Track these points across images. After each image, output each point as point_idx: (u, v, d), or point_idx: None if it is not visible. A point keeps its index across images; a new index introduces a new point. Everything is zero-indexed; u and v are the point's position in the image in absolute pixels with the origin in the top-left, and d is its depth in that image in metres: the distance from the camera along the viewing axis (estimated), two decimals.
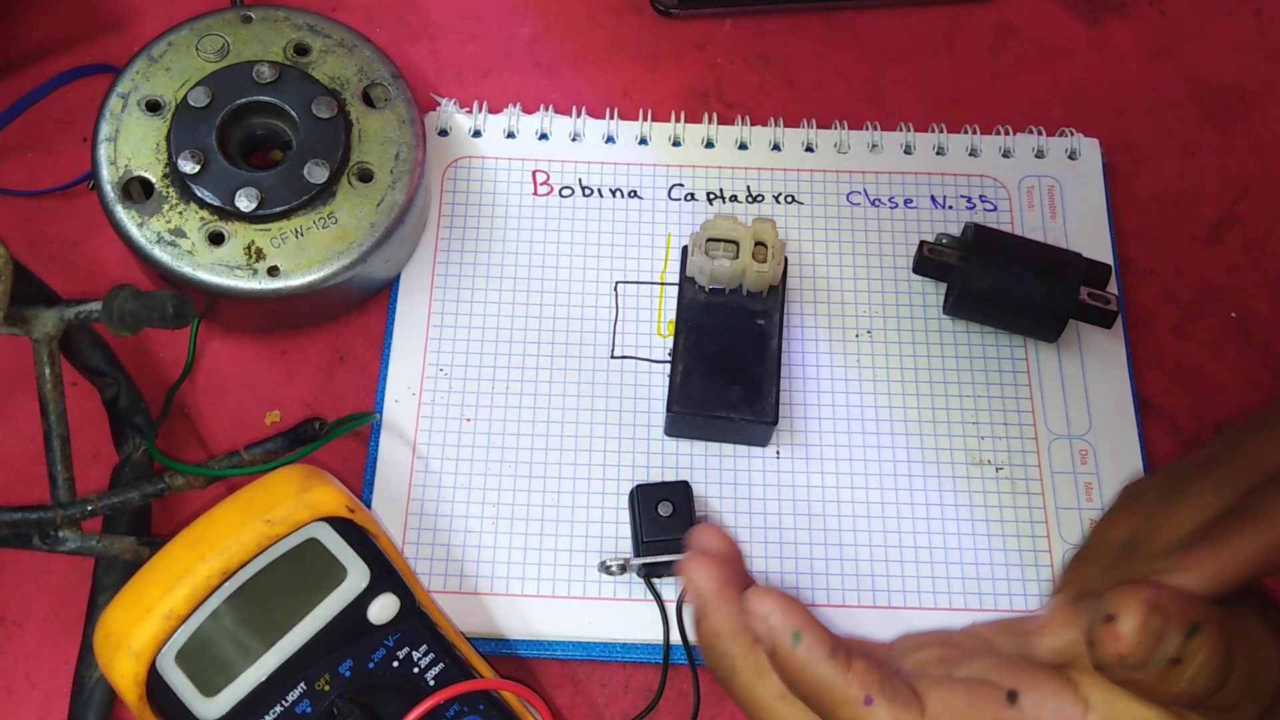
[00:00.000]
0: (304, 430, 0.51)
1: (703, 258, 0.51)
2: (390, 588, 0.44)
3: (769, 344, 0.51)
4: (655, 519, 0.49)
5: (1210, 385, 0.55)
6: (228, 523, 0.43)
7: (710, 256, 0.51)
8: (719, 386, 0.51)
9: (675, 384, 0.51)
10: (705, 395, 0.50)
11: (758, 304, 0.52)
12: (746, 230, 0.51)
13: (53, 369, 0.46)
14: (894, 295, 0.56)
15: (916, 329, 0.55)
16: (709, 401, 0.50)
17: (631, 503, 0.50)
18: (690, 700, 0.48)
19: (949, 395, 0.53)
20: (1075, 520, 0.51)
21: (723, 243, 0.51)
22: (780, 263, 0.51)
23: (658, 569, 0.49)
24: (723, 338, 0.51)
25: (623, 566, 0.49)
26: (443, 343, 0.54)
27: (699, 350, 0.51)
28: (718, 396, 0.50)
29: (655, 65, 0.62)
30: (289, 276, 0.51)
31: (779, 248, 0.51)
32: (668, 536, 0.49)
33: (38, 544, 0.46)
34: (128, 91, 0.53)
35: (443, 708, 0.43)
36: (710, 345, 0.51)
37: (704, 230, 0.51)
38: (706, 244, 0.51)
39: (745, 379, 0.51)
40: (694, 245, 0.51)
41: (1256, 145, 0.60)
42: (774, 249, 0.51)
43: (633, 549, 0.50)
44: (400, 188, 0.52)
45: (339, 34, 0.55)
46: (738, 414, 0.50)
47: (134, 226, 0.51)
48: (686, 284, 0.52)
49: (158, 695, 0.42)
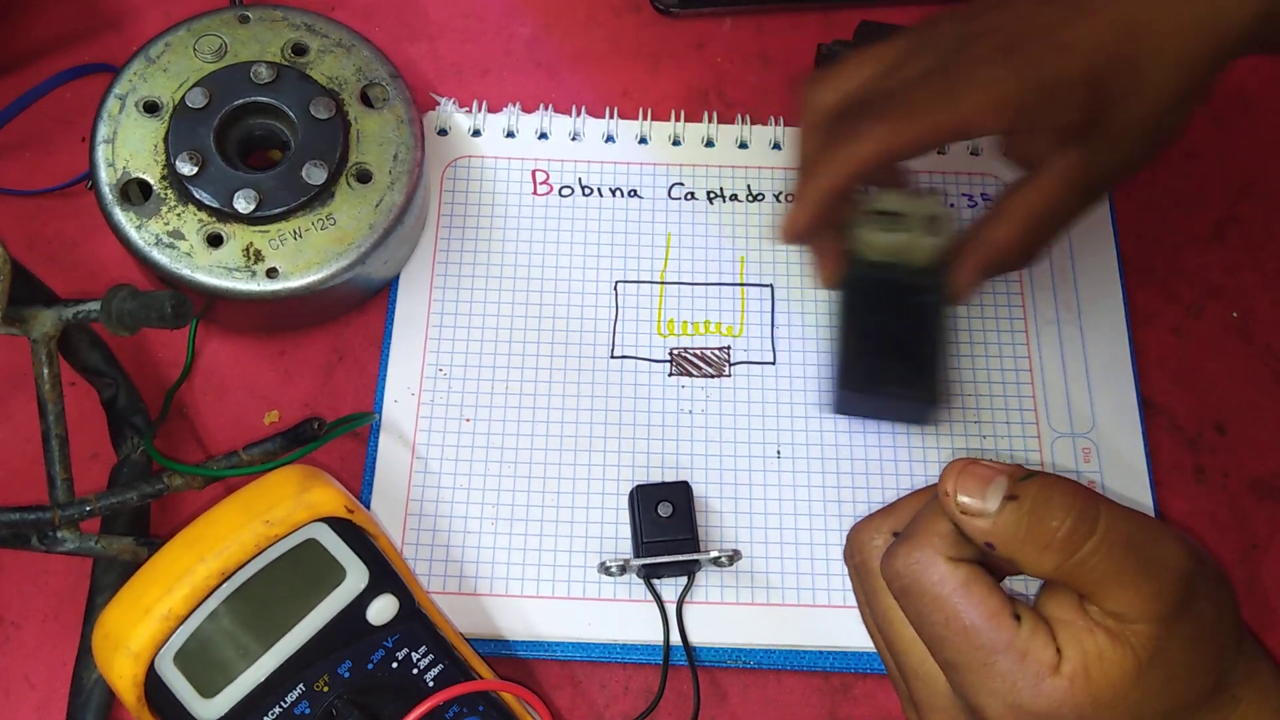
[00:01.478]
0: (303, 430, 0.51)
1: (872, 231, 0.49)
2: (389, 588, 0.44)
3: (935, 320, 0.50)
4: (655, 519, 0.49)
5: (1211, 385, 0.55)
6: (226, 523, 0.43)
7: (875, 227, 0.49)
8: (881, 364, 0.50)
9: (838, 362, 0.50)
10: (868, 372, 0.50)
11: (924, 279, 0.50)
12: (918, 202, 0.50)
13: (51, 369, 0.46)
14: None
15: None
16: (871, 379, 0.50)
17: (631, 503, 0.50)
18: (690, 701, 0.48)
19: (951, 394, 0.53)
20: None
21: (888, 215, 0.50)
22: (948, 239, 0.49)
23: (657, 570, 0.49)
24: (887, 313, 0.50)
25: (622, 567, 0.49)
26: (442, 343, 0.54)
27: (865, 327, 0.50)
28: (881, 375, 0.50)
29: (655, 64, 0.62)
30: (288, 278, 0.51)
31: (950, 224, 0.50)
32: (667, 537, 0.49)
33: (36, 544, 0.46)
34: (125, 93, 0.53)
35: (442, 709, 0.42)
36: (871, 320, 0.50)
37: (872, 200, 0.50)
38: (872, 216, 0.50)
39: (911, 356, 0.50)
40: (861, 218, 0.50)
41: (1256, 145, 0.60)
42: (946, 223, 0.49)
43: (632, 550, 0.50)
44: (399, 188, 0.52)
45: (337, 34, 0.55)
46: (902, 391, 0.49)
47: (132, 229, 0.51)
48: (849, 255, 0.50)
49: (156, 696, 0.42)
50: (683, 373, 0.54)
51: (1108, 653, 0.32)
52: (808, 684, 0.49)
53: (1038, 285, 0.56)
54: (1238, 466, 0.53)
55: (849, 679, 0.49)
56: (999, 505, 0.33)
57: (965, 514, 0.33)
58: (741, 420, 0.53)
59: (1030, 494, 0.33)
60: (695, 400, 0.53)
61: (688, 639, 0.48)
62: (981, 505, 0.33)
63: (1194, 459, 0.53)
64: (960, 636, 0.33)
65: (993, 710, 0.33)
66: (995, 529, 0.33)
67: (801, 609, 0.49)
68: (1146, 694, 0.32)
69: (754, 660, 0.49)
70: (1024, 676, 0.32)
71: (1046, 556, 0.33)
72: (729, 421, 0.53)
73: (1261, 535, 0.52)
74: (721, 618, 0.49)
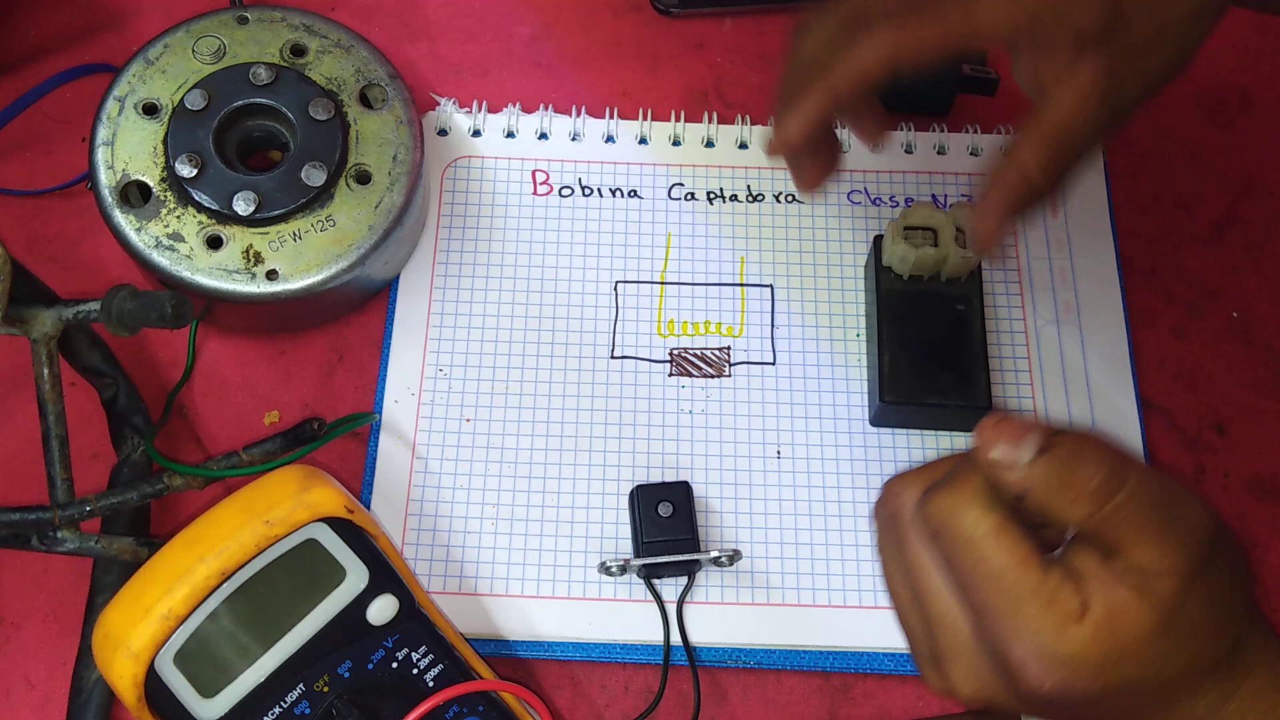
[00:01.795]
0: (303, 430, 0.51)
1: (904, 246, 0.51)
2: (389, 588, 0.44)
3: (972, 328, 0.51)
4: (655, 519, 0.49)
5: (1211, 385, 0.55)
6: (226, 523, 0.43)
7: (912, 245, 0.51)
8: (928, 374, 0.51)
9: (884, 373, 0.51)
10: (915, 384, 0.50)
11: (956, 289, 0.52)
12: (945, 216, 0.51)
13: (51, 369, 0.46)
14: None
15: None
16: (920, 389, 0.50)
17: (632, 503, 0.50)
18: (690, 701, 0.48)
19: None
20: None
21: (920, 230, 0.51)
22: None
23: (658, 569, 0.49)
24: (925, 325, 0.51)
25: (623, 567, 0.49)
26: (442, 343, 0.54)
27: (904, 339, 0.51)
28: (928, 384, 0.50)
29: (655, 65, 0.62)
30: (287, 280, 0.51)
31: None
32: (667, 537, 0.49)
33: (36, 544, 0.46)
34: (124, 95, 0.53)
35: (442, 709, 0.43)
36: (913, 334, 0.51)
37: (902, 218, 0.51)
38: (905, 232, 0.51)
39: (953, 365, 0.51)
40: (893, 234, 0.51)
41: (1256, 145, 0.60)
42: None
43: (633, 549, 0.50)
44: (398, 189, 0.52)
45: (335, 34, 0.55)
46: (950, 400, 0.50)
47: (132, 231, 0.51)
48: (884, 274, 0.52)
49: (156, 696, 0.42)
50: (683, 373, 0.54)
51: (1131, 606, 0.33)
52: (808, 684, 0.49)
53: (1038, 285, 0.56)
54: (1238, 466, 0.53)
55: (849, 679, 0.49)
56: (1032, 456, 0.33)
57: (998, 466, 0.34)
58: (741, 420, 0.53)
59: (1064, 446, 0.33)
60: (695, 400, 0.53)
61: (688, 638, 0.48)
62: (1015, 457, 0.33)
63: (1194, 459, 0.53)
64: (990, 579, 0.34)
65: (1016, 653, 0.33)
66: (1028, 478, 0.33)
67: (801, 609, 0.49)
68: (1165, 649, 0.33)
69: (754, 660, 0.49)
70: (1050, 622, 0.33)
71: (1077, 506, 0.33)
72: (729, 422, 0.53)
73: (1261, 535, 0.52)
74: (721, 618, 0.49)
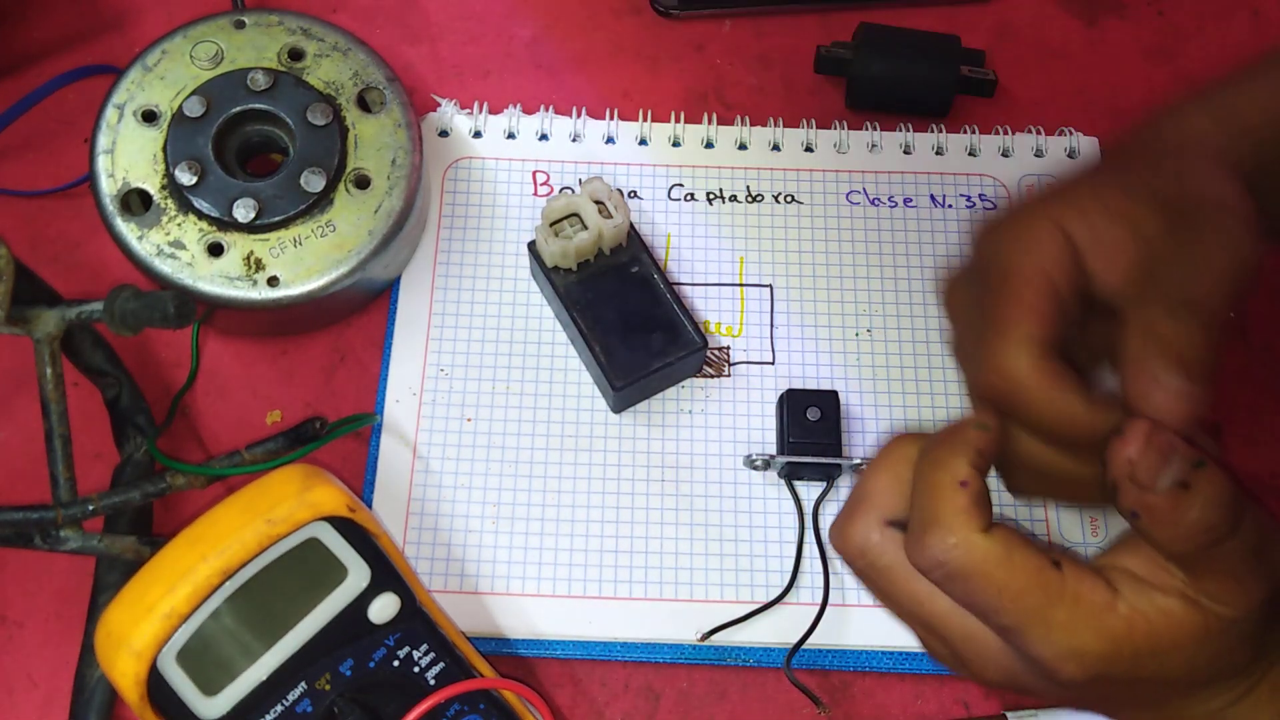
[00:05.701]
0: (305, 430, 0.51)
1: (558, 241, 0.51)
2: (391, 587, 0.44)
3: (654, 284, 0.52)
4: (803, 422, 0.50)
5: None
6: (229, 522, 0.43)
7: (565, 237, 0.51)
8: (641, 344, 0.51)
9: (604, 364, 0.51)
10: (634, 358, 0.51)
11: (623, 256, 0.53)
12: (579, 197, 0.51)
13: (54, 369, 0.47)
14: (894, 294, 0.56)
15: (916, 328, 0.55)
16: (641, 362, 0.51)
17: (780, 406, 0.52)
18: (690, 699, 0.48)
19: (949, 394, 0.53)
20: (1076, 518, 0.51)
21: (563, 220, 0.52)
22: (625, 209, 0.52)
23: (799, 470, 0.50)
24: (614, 303, 0.52)
25: (767, 462, 0.50)
26: (443, 343, 0.54)
27: (604, 324, 0.52)
28: (645, 353, 0.51)
29: (655, 66, 0.62)
30: (288, 286, 0.51)
31: (617, 196, 0.51)
32: (813, 440, 0.50)
33: (39, 543, 0.47)
34: (123, 102, 0.53)
35: (443, 707, 0.43)
36: (608, 315, 0.52)
37: (544, 219, 0.51)
38: (553, 228, 0.51)
39: (656, 324, 0.51)
40: (543, 237, 0.51)
41: None
42: (613, 199, 0.51)
43: (777, 449, 0.51)
44: (398, 193, 0.52)
45: (333, 37, 0.55)
46: (671, 356, 0.51)
47: (134, 239, 0.51)
48: (554, 274, 0.52)
49: (159, 694, 0.42)
50: None
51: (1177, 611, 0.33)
52: (807, 682, 0.49)
53: None
54: (1238, 466, 0.53)
55: (849, 678, 0.49)
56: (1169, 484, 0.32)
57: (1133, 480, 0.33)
58: (741, 420, 0.53)
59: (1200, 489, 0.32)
60: (695, 400, 0.53)
61: (821, 538, 0.50)
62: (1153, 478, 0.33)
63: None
64: (1015, 603, 0.34)
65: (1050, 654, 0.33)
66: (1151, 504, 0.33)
67: (802, 608, 0.49)
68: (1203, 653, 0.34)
69: (754, 659, 0.49)
70: (1081, 619, 0.33)
71: (1182, 542, 0.33)
72: (728, 421, 0.53)
73: None
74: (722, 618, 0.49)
